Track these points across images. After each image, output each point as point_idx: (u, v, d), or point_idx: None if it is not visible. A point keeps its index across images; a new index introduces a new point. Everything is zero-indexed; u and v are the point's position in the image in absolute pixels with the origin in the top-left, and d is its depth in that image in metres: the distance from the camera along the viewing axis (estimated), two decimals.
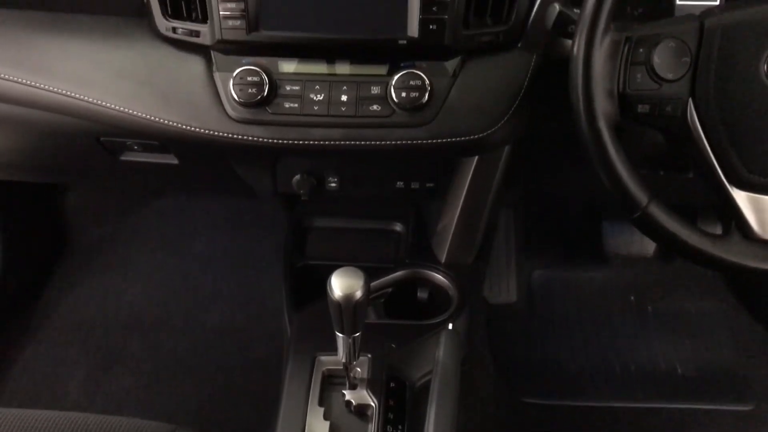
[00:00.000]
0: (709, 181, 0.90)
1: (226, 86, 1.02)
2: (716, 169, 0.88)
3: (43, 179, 1.77)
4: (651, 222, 0.88)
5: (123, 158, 1.31)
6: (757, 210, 0.88)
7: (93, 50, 1.08)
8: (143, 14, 1.06)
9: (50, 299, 1.87)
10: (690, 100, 0.87)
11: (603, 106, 0.86)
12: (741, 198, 0.88)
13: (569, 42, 0.89)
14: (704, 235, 0.88)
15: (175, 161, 1.28)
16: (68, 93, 1.07)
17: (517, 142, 1.17)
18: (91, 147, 1.26)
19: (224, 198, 2.04)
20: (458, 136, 1.04)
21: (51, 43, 1.09)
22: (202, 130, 1.04)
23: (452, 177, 1.28)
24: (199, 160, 1.31)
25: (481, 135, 1.04)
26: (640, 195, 0.87)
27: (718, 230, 0.93)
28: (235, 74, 1.01)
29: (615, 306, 1.84)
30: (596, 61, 0.85)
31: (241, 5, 0.99)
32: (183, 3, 1.03)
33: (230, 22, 1.00)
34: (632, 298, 1.85)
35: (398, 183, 1.29)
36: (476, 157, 1.21)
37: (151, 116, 1.05)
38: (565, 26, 0.95)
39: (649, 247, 1.87)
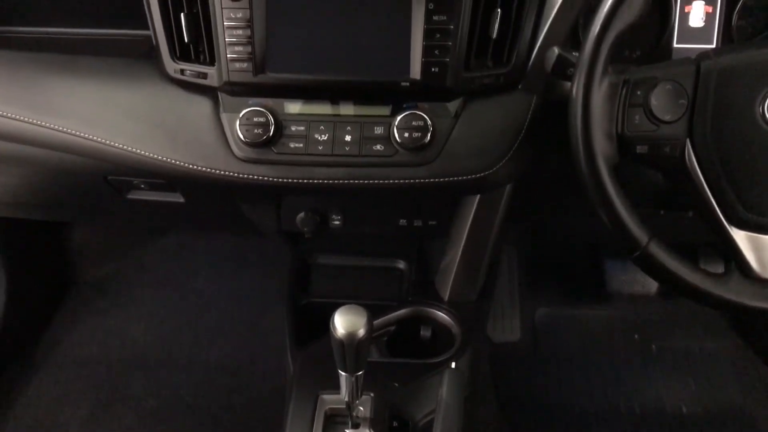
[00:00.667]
0: (708, 221, 0.90)
1: (232, 126, 1.04)
2: (715, 209, 0.88)
3: (49, 217, 1.79)
4: (651, 261, 0.88)
5: (129, 196, 1.32)
6: (756, 249, 0.88)
7: (102, 91, 1.10)
8: (152, 56, 1.09)
9: (53, 336, 1.87)
10: (688, 140, 0.88)
11: (602, 146, 0.87)
12: (740, 237, 0.88)
13: (568, 84, 0.90)
14: (704, 274, 0.89)
15: (181, 200, 1.30)
16: (77, 133, 1.09)
17: (519, 180, 1.19)
18: (98, 185, 1.28)
19: (228, 236, 2.06)
20: (460, 175, 1.06)
21: (61, 84, 1.11)
22: (209, 170, 1.06)
23: (455, 215, 1.29)
24: (204, 198, 1.32)
25: (482, 174, 1.06)
26: (639, 234, 0.87)
27: (721, 269, 0.92)
28: (241, 115, 1.03)
29: (619, 345, 1.84)
30: (595, 102, 0.86)
31: (248, 48, 1.01)
32: (191, 46, 1.05)
33: (237, 65, 1.02)
34: (636, 336, 1.84)
35: (401, 221, 1.30)
36: (478, 196, 1.22)
37: (158, 156, 1.07)
38: (564, 69, 0.97)
39: (652, 285, 1.87)
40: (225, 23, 1.00)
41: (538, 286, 1.95)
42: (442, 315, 1.33)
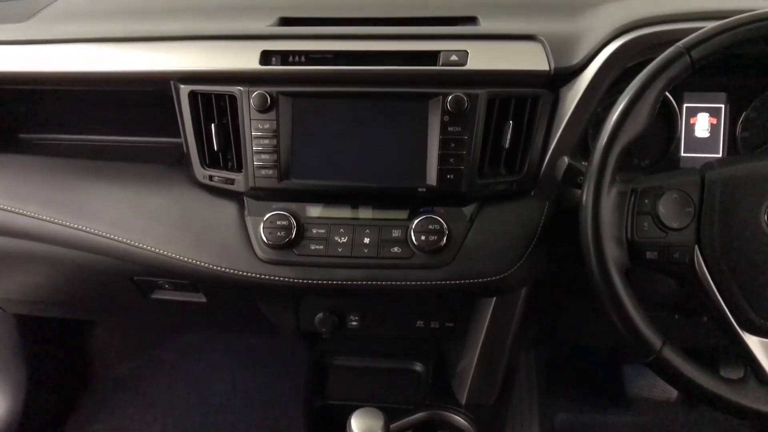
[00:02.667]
0: (721, 326, 0.91)
1: (256, 229, 1.08)
2: (727, 315, 0.89)
3: (71, 315, 1.81)
4: (666, 366, 0.88)
5: (153, 296, 1.35)
6: None
7: (134, 195, 1.15)
8: (182, 163, 1.15)
9: None
10: (696, 247, 0.90)
11: (612, 252, 0.89)
12: (753, 343, 0.88)
13: (579, 191, 0.93)
14: (719, 380, 0.88)
15: (203, 299, 1.32)
16: (109, 235, 1.13)
17: (535, 284, 1.20)
18: (123, 285, 1.31)
19: (245, 335, 2.06)
20: (475, 277, 1.08)
21: (95, 188, 1.17)
22: (233, 271, 1.09)
23: (471, 317, 1.30)
24: (226, 298, 1.35)
25: (497, 277, 1.08)
26: (653, 339, 0.88)
27: (741, 374, 0.92)
28: (265, 218, 1.08)
29: None
30: (604, 210, 0.89)
31: (274, 156, 1.06)
32: (220, 154, 1.11)
33: (263, 172, 1.07)
34: None
35: (418, 322, 1.31)
36: (495, 298, 1.24)
37: (185, 258, 1.10)
38: (574, 178, 1.00)
39: (672, 391, 1.83)
40: (253, 133, 1.06)
41: (557, 391, 1.91)
42: (459, 419, 1.32)
